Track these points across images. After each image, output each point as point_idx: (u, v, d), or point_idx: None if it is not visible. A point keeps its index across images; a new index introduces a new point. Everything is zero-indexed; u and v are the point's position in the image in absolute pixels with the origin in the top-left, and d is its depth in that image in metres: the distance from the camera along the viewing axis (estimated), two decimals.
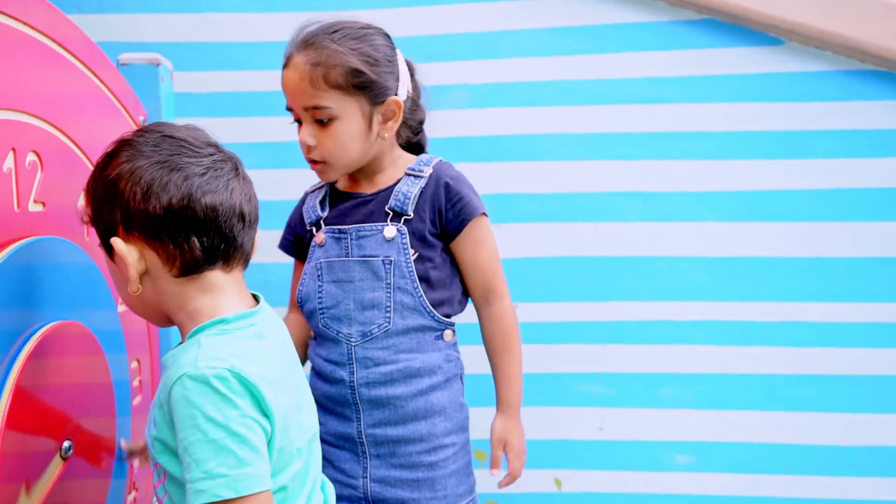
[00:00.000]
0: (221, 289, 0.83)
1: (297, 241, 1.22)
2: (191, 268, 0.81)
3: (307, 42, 1.08)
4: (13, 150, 0.86)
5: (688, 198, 1.70)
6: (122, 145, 0.83)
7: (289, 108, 1.12)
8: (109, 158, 0.83)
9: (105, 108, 1.18)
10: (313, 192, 1.23)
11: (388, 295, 1.10)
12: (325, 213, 1.17)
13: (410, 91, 1.16)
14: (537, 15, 1.72)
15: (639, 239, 1.71)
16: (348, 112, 1.08)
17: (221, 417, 0.73)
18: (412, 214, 1.12)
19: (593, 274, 1.72)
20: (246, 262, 0.88)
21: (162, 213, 0.79)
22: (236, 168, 0.86)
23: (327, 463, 1.14)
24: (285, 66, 1.10)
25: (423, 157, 1.19)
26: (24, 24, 0.90)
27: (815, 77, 1.66)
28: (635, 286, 1.71)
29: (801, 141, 1.67)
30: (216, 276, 0.83)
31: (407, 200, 1.11)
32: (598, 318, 1.72)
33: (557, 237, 1.72)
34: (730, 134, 1.69)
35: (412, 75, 1.19)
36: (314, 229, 1.18)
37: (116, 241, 0.79)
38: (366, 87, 1.08)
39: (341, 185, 1.20)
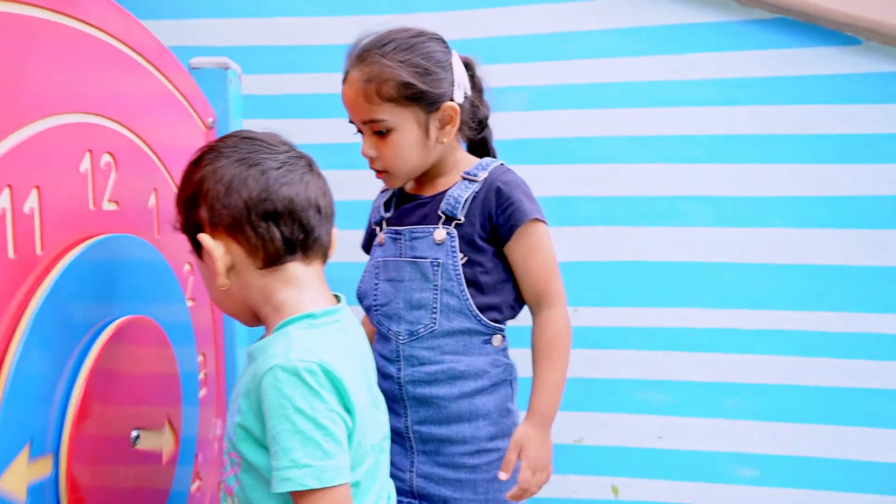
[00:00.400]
0: (303, 282, 0.87)
1: (371, 241, 1.26)
2: (273, 258, 0.85)
3: (360, 57, 1.11)
4: (89, 151, 0.90)
5: (758, 203, 1.65)
6: (205, 151, 0.89)
7: (351, 121, 1.15)
8: (194, 165, 0.88)
9: (176, 110, 1.22)
10: (382, 192, 1.27)
11: (435, 296, 1.11)
12: (389, 214, 1.21)
13: (469, 91, 1.17)
14: (603, 16, 1.70)
15: (704, 244, 1.67)
16: (404, 123, 1.10)
17: (310, 409, 0.76)
18: (462, 219, 1.12)
19: (656, 279, 1.69)
20: (324, 258, 0.91)
21: (243, 205, 0.83)
22: (310, 164, 0.90)
23: None
24: (343, 81, 1.13)
25: (483, 160, 1.19)
26: (101, 30, 0.94)
27: (895, 78, 1.58)
28: (699, 292, 1.67)
29: (878, 144, 1.60)
30: (297, 267, 0.86)
31: (458, 204, 1.13)
32: (659, 325, 1.68)
33: (620, 241, 1.70)
34: (804, 137, 1.63)
35: (472, 74, 1.19)
36: (377, 229, 1.22)
37: (204, 237, 0.84)
38: (418, 97, 1.09)
39: (408, 186, 1.23)
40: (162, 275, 1.11)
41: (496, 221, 1.12)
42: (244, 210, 0.83)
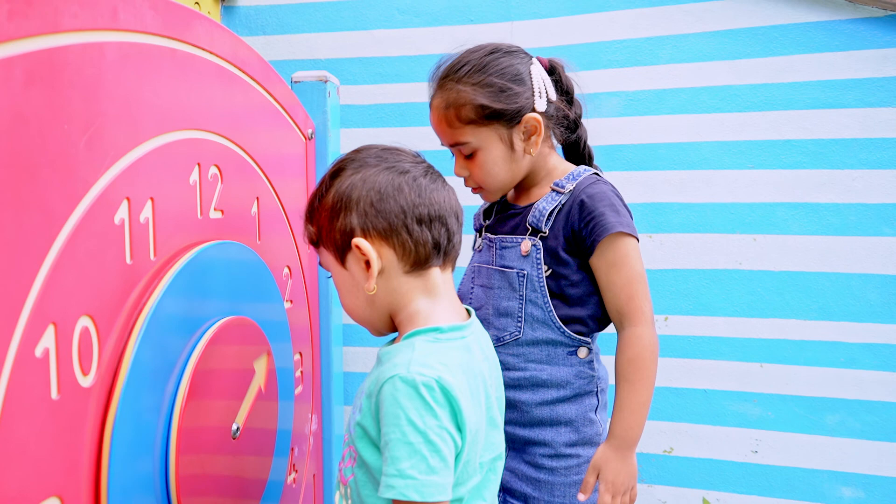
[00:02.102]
0: (440, 290, 0.90)
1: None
2: (422, 261, 0.88)
3: (440, 85, 1.15)
4: (198, 164, 0.98)
5: (864, 210, 1.57)
6: (345, 163, 0.92)
7: (443, 144, 1.19)
8: (334, 177, 0.91)
9: (277, 123, 1.29)
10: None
11: (521, 306, 1.13)
12: (489, 222, 1.25)
13: (553, 97, 1.16)
14: (703, 18, 1.66)
15: (803, 253, 1.60)
16: (488, 141, 1.13)
17: (422, 424, 0.78)
18: (547, 231, 1.13)
19: (751, 288, 1.63)
20: (454, 265, 0.94)
21: (400, 210, 0.87)
22: (441, 176, 0.94)
23: None
24: (429, 107, 1.18)
25: (576, 170, 1.17)
26: (210, 52, 1.02)
27: None
28: (797, 303, 1.61)
29: None
30: (436, 274, 0.90)
31: (542, 217, 1.13)
32: (755, 335, 1.63)
33: (714, 248, 1.66)
34: None
35: (558, 77, 1.19)
36: (476, 235, 1.27)
37: (361, 242, 0.86)
38: (497, 115, 1.11)
39: (508, 195, 1.25)
40: (263, 278, 1.18)
41: (580, 235, 1.11)
42: (401, 214, 0.86)
